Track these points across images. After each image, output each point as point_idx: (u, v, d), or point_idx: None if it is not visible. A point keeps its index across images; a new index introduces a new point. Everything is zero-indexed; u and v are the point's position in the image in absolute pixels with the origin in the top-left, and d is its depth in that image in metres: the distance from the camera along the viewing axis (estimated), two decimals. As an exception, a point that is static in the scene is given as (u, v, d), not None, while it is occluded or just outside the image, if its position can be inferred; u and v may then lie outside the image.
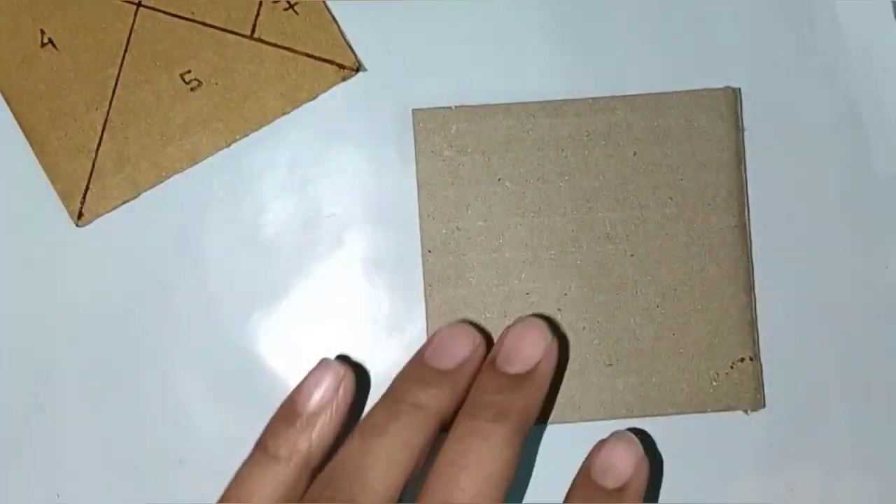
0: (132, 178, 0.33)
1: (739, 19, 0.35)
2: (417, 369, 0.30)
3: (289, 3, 0.33)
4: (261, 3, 0.33)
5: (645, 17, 0.34)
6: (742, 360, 0.34)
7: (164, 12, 0.33)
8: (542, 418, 0.33)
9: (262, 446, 0.29)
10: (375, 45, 0.34)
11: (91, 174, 0.33)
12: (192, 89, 0.33)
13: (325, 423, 0.29)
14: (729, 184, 0.34)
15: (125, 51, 0.33)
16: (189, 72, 0.33)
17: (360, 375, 0.34)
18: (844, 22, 0.35)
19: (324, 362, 0.30)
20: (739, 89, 0.34)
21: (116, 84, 0.33)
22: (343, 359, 0.33)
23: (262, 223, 0.34)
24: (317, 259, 0.34)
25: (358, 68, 0.34)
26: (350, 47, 0.34)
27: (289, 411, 0.29)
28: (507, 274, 0.33)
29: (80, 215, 0.33)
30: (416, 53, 0.34)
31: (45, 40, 0.33)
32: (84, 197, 0.33)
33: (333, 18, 0.34)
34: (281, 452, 0.28)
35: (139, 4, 0.33)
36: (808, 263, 0.34)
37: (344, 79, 0.34)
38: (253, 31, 0.33)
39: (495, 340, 0.31)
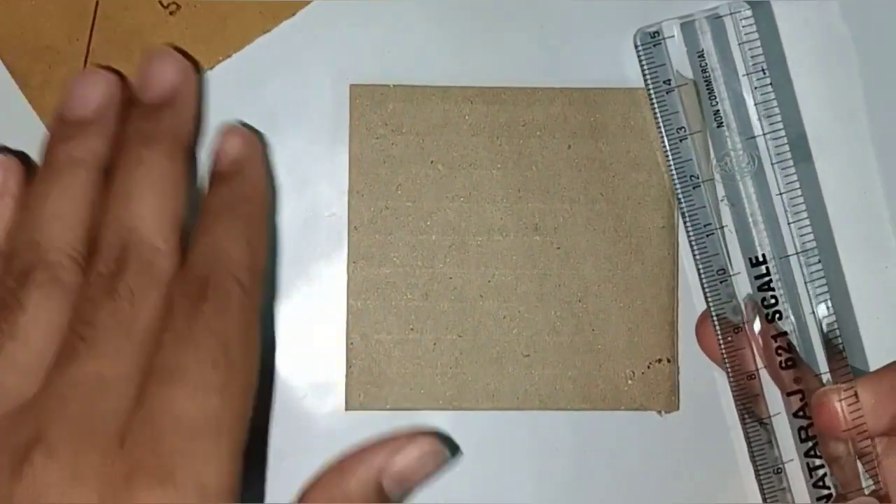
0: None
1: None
2: (60, 129, 0.30)
3: (265, -84, 0.33)
4: (237, -82, 0.32)
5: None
6: (659, 360, 0.34)
7: None
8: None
9: None
10: (375, 45, 0.34)
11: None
12: (171, 13, 0.33)
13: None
14: (660, 184, 0.34)
15: None
16: None
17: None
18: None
19: None
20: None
21: (96, 13, 0.32)
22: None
23: (261, 223, 0.33)
24: (317, 259, 0.34)
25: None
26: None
27: None
28: (432, 257, 0.33)
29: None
30: (417, 55, 0.34)
31: None
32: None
33: None
34: None
35: (115, -74, 0.32)
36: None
37: None
38: None
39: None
